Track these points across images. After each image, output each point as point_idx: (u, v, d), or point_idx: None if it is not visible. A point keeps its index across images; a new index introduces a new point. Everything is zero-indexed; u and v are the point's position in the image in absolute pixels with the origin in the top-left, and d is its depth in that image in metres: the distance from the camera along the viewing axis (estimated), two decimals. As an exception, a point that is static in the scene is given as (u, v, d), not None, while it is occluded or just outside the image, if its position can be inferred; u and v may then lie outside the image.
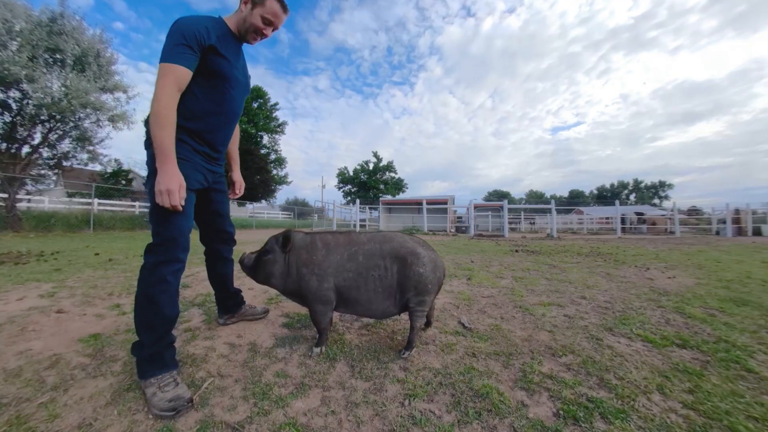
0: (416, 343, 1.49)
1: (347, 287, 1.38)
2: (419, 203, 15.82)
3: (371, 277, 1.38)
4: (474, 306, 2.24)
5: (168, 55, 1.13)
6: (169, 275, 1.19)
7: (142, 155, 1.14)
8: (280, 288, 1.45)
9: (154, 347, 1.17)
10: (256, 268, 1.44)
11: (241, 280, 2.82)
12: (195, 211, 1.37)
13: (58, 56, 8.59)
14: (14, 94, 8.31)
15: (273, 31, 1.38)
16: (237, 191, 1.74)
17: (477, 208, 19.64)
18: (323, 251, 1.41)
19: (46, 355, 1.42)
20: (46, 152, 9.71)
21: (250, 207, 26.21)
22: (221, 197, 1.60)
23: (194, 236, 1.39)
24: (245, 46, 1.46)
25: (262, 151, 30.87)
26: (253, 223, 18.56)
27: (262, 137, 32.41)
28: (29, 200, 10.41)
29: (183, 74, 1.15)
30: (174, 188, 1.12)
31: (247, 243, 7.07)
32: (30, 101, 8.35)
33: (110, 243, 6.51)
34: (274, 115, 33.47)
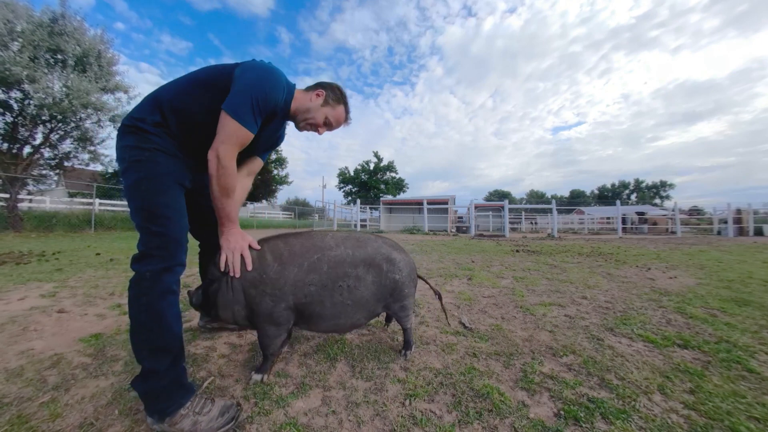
0: (413, 341, 1.48)
1: (309, 303, 1.19)
2: (420, 203, 15.82)
3: (338, 289, 1.20)
4: (475, 306, 2.23)
5: (245, 116, 1.02)
6: (175, 284, 1.02)
7: None
8: (230, 321, 1.20)
9: (172, 372, 0.97)
10: (205, 302, 1.19)
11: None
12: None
13: (59, 57, 8.60)
14: (16, 94, 8.32)
15: (326, 131, 1.34)
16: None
17: (478, 208, 19.63)
18: (275, 265, 1.17)
19: (48, 354, 1.42)
20: (47, 152, 9.72)
21: (251, 207, 26.22)
22: (208, 202, 1.30)
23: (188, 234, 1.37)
24: None
25: (263, 151, 30.80)
26: (254, 223, 18.56)
27: (262, 137, 32.34)
28: (31, 200, 10.43)
29: (248, 141, 1.07)
30: (245, 246, 1.16)
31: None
32: (31, 102, 8.36)
33: (111, 243, 6.52)
34: (274, 115, 33.40)
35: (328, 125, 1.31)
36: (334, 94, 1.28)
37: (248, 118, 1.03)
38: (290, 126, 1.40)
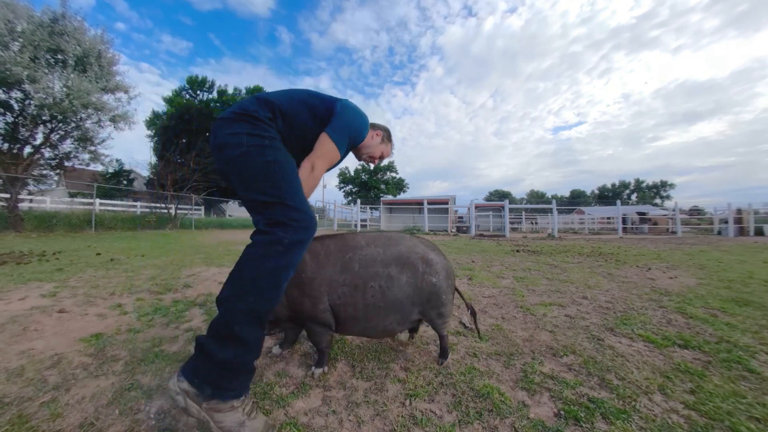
0: (449, 349, 1.42)
1: (342, 305, 1.19)
2: (420, 203, 15.82)
3: (369, 289, 1.18)
4: (475, 306, 2.23)
5: (341, 144, 1.21)
6: (300, 261, 1.04)
7: (144, 155, 1.05)
8: (278, 317, 1.26)
9: (255, 351, 0.93)
10: None
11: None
12: None
13: (59, 57, 8.61)
14: (16, 94, 8.34)
15: (376, 162, 1.58)
16: None
17: (478, 208, 19.62)
18: (312, 266, 1.20)
19: (48, 354, 1.42)
20: (47, 152, 9.74)
21: (251, 207, 26.17)
22: None
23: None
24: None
25: (263, 151, 30.91)
26: (254, 223, 18.52)
27: (263, 137, 32.45)
28: (31, 200, 10.44)
29: (336, 162, 1.25)
30: None
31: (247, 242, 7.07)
32: (32, 102, 8.38)
33: (112, 243, 6.53)
34: (275, 115, 33.49)
35: (380, 158, 1.56)
36: (387, 134, 1.53)
37: (343, 146, 1.22)
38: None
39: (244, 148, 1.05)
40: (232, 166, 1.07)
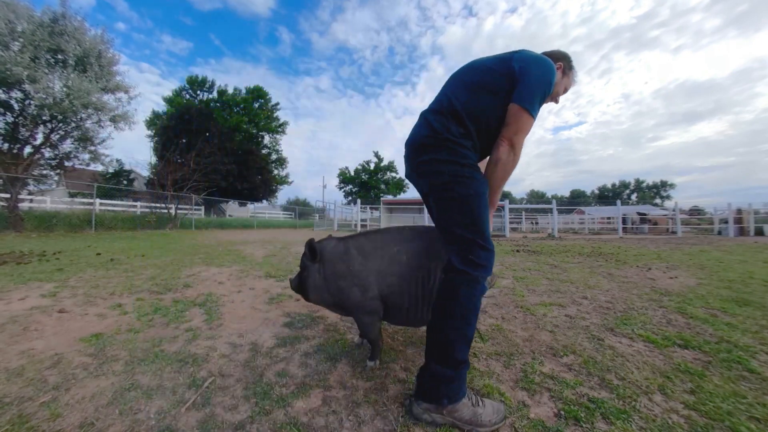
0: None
1: (391, 294, 1.25)
2: (420, 203, 15.81)
3: (414, 280, 1.23)
4: (475, 306, 2.23)
5: (536, 110, 1.08)
6: None
7: (144, 155, 1.03)
8: (323, 303, 1.35)
9: (467, 361, 1.05)
10: (299, 286, 1.35)
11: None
12: None
13: (59, 57, 8.62)
14: (16, 94, 8.35)
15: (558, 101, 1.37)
16: None
17: (478, 208, 19.56)
18: (360, 258, 1.27)
19: (48, 354, 1.42)
20: (48, 152, 9.74)
21: (252, 207, 26.26)
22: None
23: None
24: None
25: (264, 151, 30.97)
26: (254, 223, 18.57)
27: (263, 137, 32.53)
28: (31, 200, 10.44)
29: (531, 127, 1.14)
30: None
31: (247, 242, 7.08)
32: (32, 102, 8.38)
33: (112, 243, 6.53)
34: (275, 115, 33.59)
35: (564, 94, 1.36)
36: (567, 63, 1.31)
37: (537, 110, 1.10)
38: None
39: (446, 178, 1.06)
40: (434, 193, 1.11)
